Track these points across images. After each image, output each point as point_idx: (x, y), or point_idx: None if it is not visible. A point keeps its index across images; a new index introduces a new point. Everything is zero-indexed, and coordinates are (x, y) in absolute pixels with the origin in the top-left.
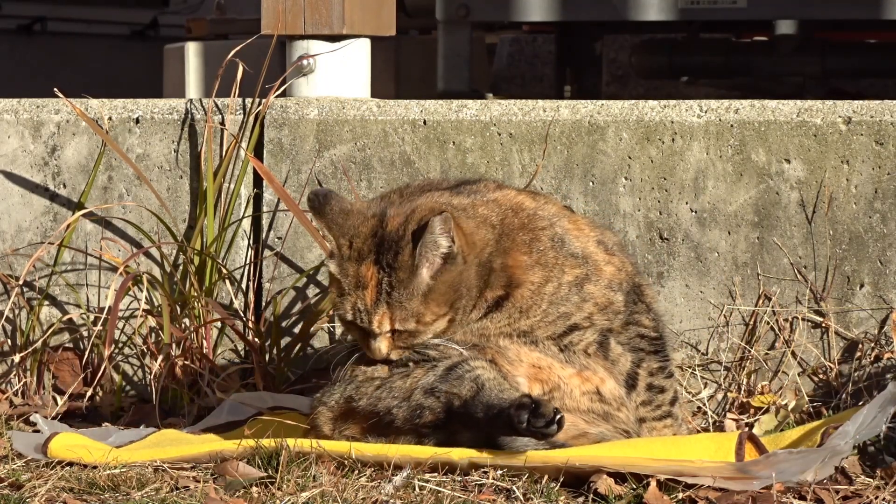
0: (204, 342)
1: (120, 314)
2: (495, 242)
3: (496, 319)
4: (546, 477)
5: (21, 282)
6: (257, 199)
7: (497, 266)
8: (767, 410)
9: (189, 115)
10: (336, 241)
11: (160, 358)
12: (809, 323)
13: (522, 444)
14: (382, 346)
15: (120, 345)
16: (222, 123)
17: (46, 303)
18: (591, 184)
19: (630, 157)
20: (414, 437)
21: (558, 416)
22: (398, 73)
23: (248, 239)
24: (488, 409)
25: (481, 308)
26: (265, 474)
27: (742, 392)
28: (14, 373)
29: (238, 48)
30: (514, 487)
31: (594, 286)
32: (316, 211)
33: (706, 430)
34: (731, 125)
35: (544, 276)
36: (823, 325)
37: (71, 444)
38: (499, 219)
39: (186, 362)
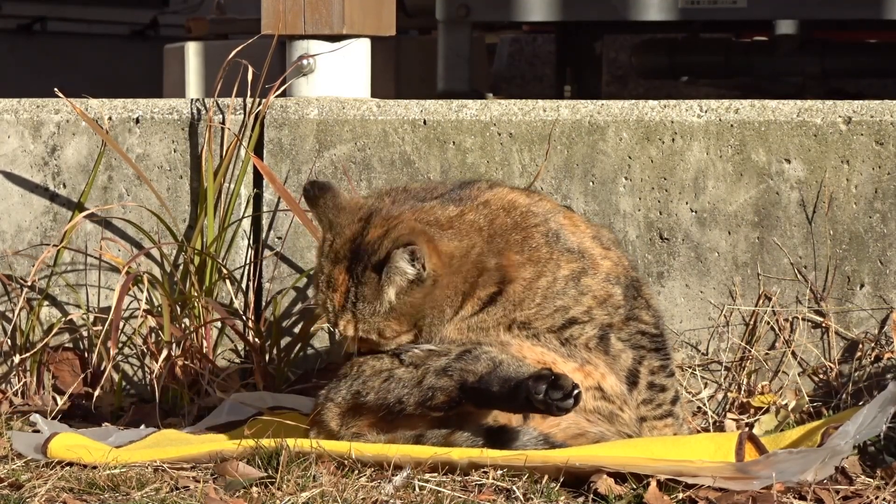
0: (204, 342)
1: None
2: (485, 244)
3: (492, 312)
4: (546, 477)
5: (30, 283)
6: (257, 199)
7: (492, 266)
8: (767, 410)
9: (189, 115)
10: (323, 235)
11: (160, 358)
12: (809, 323)
13: (522, 443)
14: (349, 343)
15: (120, 345)
16: (223, 123)
17: (46, 303)
18: (591, 184)
19: (630, 157)
20: (424, 423)
21: (576, 392)
22: (398, 73)
23: (248, 239)
24: (505, 383)
25: (475, 306)
26: (265, 474)
27: (742, 392)
28: (14, 373)
29: (239, 48)
30: (514, 487)
31: (591, 279)
32: (310, 200)
33: (706, 430)
34: (731, 125)
35: (536, 271)
36: (823, 325)
37: (71, 444)
38: (487, 221)
39: (186, 362)
